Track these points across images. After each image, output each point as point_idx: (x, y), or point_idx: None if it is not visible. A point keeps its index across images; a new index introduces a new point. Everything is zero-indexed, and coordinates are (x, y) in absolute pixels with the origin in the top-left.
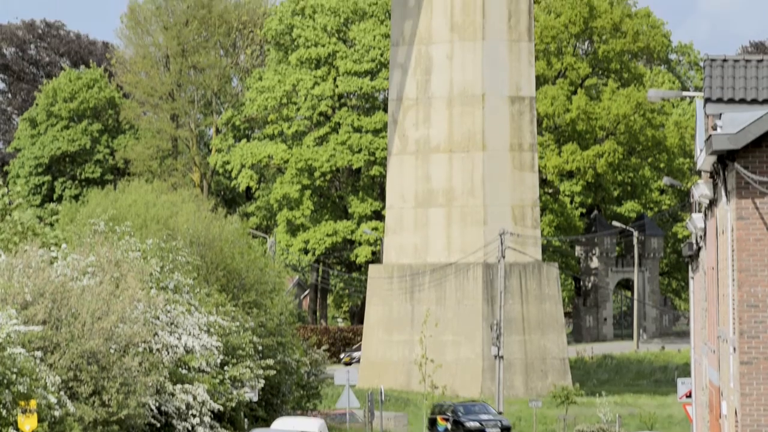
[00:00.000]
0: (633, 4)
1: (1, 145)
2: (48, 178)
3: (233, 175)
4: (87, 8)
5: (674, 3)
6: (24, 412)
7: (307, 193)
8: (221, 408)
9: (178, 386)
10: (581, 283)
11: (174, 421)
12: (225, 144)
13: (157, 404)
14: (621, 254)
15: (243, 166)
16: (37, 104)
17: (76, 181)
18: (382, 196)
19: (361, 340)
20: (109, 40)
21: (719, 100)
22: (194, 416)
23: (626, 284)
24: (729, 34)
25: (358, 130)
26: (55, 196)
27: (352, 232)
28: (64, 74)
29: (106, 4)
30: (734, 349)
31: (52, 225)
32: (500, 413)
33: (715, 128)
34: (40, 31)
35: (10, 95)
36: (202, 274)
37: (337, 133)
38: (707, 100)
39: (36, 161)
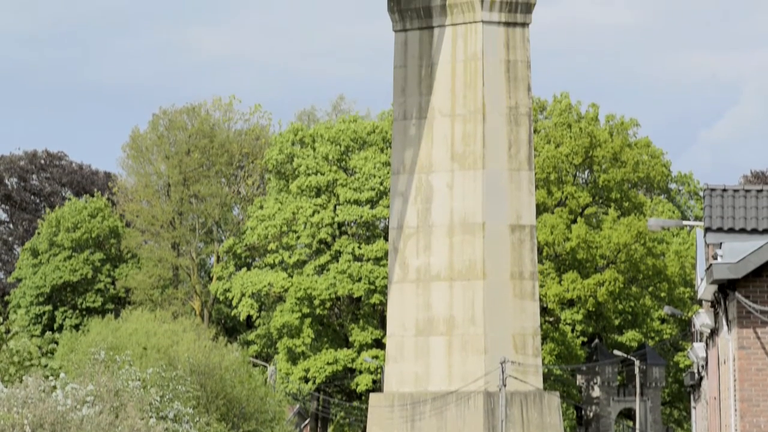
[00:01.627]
0: (633, 134)
1: (2, 275)
2: (49, 307)
3: (234, 303)
4: (89, 138)
5: (675, 133)
6: None
7: (308, 321)
8: None
9: None
10: (583, 412)
11: None
12: (226, 272)
13: None
14: (622, 383)
15: (243, 294)
16: (39, 233)
17: (77, 311)
18: (382, 325)
19: None
20: (111, 169)
21: (719, 230)
22: None
23: (628, 414)
24: (730, 164)
25: (358, 258)
26: (55, 326)
27: (353, 360)
28: (69, 204)
29: (108, 134)
30: None
31: (51, 354)
32: None
33: (715, 257)
34: (42, 162)
35: (11, 225)
36: (202, 402)
37: (338, 261)
38: (707, 230)
39: (37, 291)
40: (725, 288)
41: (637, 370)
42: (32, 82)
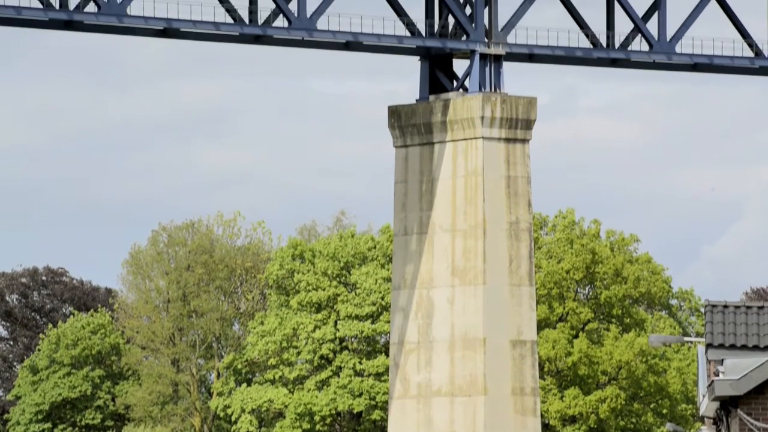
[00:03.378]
0: (633, 250)
1: (1, 393)
2: (48, 425)
3: (234, 419)
4: (89, 255)
5: (677, 249)
6: None
7: None
8: None
9: None
10: None
11: None
12: (226, 388)
13: None
14: None
15: (243, 410)
16: (39, 350)
17: (77, 428)
18: None
19: None
20: (112, 285)
21: (721, 346)
22: None
23: None
24: (731, 280)
25: (359, 373)
26: None
27: None
28: (71, 320)
29: (108, 250)
30: None
31: None
32: None
33: (717, 374)
34: (43, 278)
35: (11, 342)
36: None
37: (339, 376)
38: (709, 346)
39: (36, 408)
40: (727, 405)
41: None
42: (33, 198)
